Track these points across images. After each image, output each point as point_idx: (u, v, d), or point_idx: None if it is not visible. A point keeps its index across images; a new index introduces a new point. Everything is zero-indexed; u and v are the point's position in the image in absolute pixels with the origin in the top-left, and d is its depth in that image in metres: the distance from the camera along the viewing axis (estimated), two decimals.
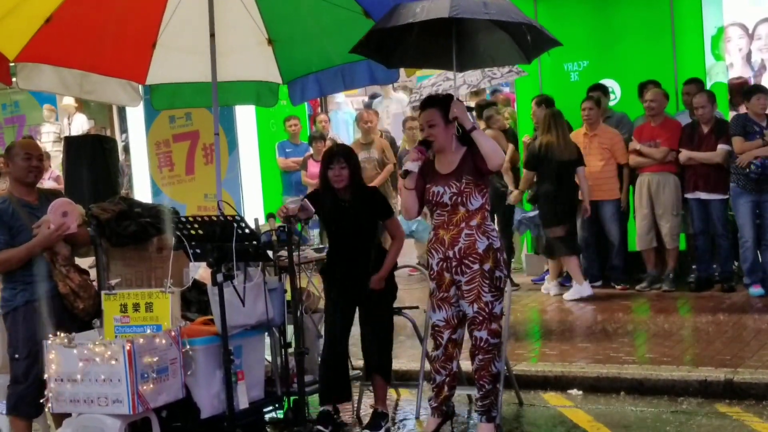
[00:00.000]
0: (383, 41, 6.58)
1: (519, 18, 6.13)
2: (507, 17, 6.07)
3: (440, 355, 6.25)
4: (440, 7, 5.88)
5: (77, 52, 7.47)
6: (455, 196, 6.02)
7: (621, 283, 10.66)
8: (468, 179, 6.00)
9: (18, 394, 6.08)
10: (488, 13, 5.93)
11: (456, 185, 6.02)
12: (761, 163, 9.47)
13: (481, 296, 5.99)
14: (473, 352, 6.11)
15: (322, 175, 6.62)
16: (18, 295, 6.07)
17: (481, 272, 5.98)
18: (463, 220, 6.01)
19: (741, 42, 12.11)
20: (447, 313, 6.16)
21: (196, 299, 6.96)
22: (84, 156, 8.30)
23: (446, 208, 6.07)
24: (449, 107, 6.08)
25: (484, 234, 6.00)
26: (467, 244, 5.98)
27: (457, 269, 6.03)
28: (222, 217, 6.02)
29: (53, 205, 6.09)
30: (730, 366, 7.25)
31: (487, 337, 6.02)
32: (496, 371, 6.13)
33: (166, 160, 13.44)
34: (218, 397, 6.10)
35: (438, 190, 6.08)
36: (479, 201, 6.03)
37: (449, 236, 6.03)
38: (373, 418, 6.73)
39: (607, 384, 7.35)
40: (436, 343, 6.27)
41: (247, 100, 9.06)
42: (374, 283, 6.56)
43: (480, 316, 6.00)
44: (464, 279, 6.01)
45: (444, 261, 6.08)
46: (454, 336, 6.21)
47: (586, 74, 11.36)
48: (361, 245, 6.59)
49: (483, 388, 6.13)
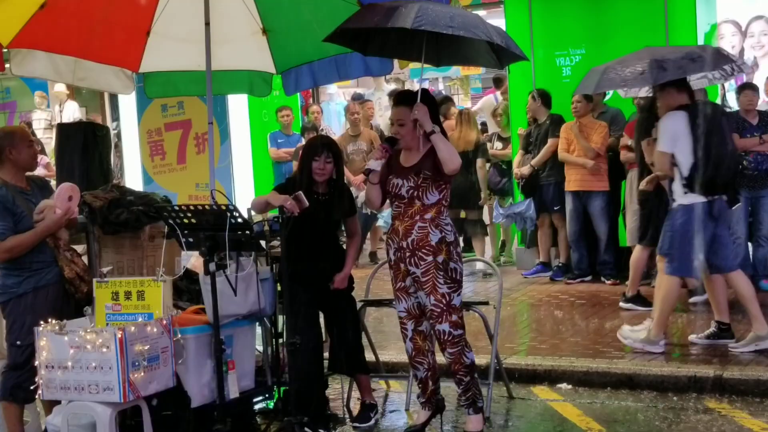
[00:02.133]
0: (361, 31, 6.61)
1: (482, 35, 6.09)
2: (470, 33, 6.05)
3: (410, 349, 6.29)
4: (406, 16, 5.91)
5: (71, 39, 7.44)
6: (412, 189, 6.07)
7: (611, 278, 10.68)
8: (426, 175, 6.04)
9: (15, 380, 6.07)
10: (451, 27, 5.91)
11: (414, 179, 6.06)
12: (754, 159, 9.50)
13: (437, 287, 6.02)
14: (441, 347, 6.15)
15: (303, 166, 6.59)
16: (24, 282, 6.04)
17: (435, 264, 6.01)
18: (417, 213, 6.06)
19: (734, 39, 12.15)
20: (407, 303, 6.21)
21: (188, 288, 6.96)
22: (76, 143, 8.29)
23: (403, 200, 6.12)
24: (431, 106, 6.14)
25: (437, 227, 6.04)
26: (420, 236, 6.03)
27: (411, 260, 6.07)
28: (215, 206, 6.01)
29: (59, 189, 6.11)
30: (720, 362, 7.28)
31: (449, 329, 6.05)
32: (470, 361, 6.15)
33: (158, 149, 13.42)
34: (209, 386, 6.10)
35: (397, 182, 6.14)
36: (436, 196, 6.07)
37: (403, 227, 6.09)
38: (362, 411, 6.75)
39: (596, 378, 7.38)
40: (403, 335, 6.31)
41: (240, 90, 9.04)
42: (338, 282, 6.58)
43: (437, 308, 6.03)
44: (420, 271, 6.05)
45: (399, 251, 6.14)
46: (420, 328, 6.24)
47: (578, 69, 11.35)
48: (327, 241, 6.62)
49: (462, 381, 6.16)
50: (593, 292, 10.38)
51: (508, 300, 9.95)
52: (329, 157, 6.49)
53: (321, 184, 6.53)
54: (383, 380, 7.61)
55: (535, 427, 6.65)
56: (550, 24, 11.49)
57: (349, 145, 13.12)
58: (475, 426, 6.23)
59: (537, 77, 11.50)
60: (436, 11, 5.99)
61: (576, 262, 10.92)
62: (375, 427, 6.68)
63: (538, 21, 11.51)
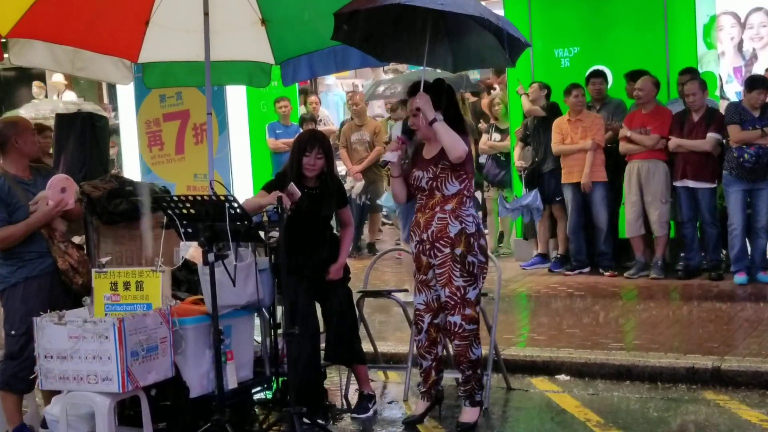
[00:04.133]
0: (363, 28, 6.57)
1: (473, 12, 5.91)
2: (461, 9, 5.88)
3: (423, 340, 6.30)
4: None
5: (70, 29, 7.41)
6: (431, 180, 6.08)
7: (609, 269, 10.70)
8: (444, 165, 6.04)
9: (12, 369, 6.08)
10: (442, 3, 5.80)
11: (433, 170, 6.08)
12: (755, 151, 9.49)
13: (453, 280, 6.02)
14: (450, 338, 6.17)
15: (294, 160, 6.58)
16: (16, 272, 6.06)
17: (452, 256, 6.02)
18: (438, 204, 6.07)
19: (733, 31, 12.17)
20: (427, 296, 6.22)
21: (186, 278, 6.95)
22: (74, 133, 8.27)
23: (424, 192, 6.14)
24: (438, 95, 6.13)
25: (458, 218, 6.04)
26: (439, 228, 6.04)
27: (431, 252, 6.09)
28: (214, 196, 6.01)
29: (52, 181, 6.09)
30: (718, 353, 7.28)
31: (461, 322, 6.05)
32: (475, 357, 6.16)
33: (156, 139, 13.39)
34: (207, 377, 6.09)
35: (418, 174, 6.16)
36: (456, 187, 6.06)
37: (424, 219, 6.11)
38: (360, 401, 6.76)
39: (594, 370, 7.38)
40: (418, 327, 6.32)
41: (239, 81, 9.03)
42: (334, 273, 6.60)
43: (452, 300, 6.04)
44: (437, 262, 6.06)
45: (420, 244, 6.15)
46: (436, 320, 6.25)
47: (577, 60, 11.36)
48: (320, 233, 6.64)
49: (463, 373, 6.20)
50: (591, 283, 10.39)
51: (507, 291, 9.95)
52: (320, 152, 6.50)
53: (311, 179, 6.53)
54: (381, 371, 7.61)
55: (533, 418, 6.65)
56: (548, 15, 11.49)
57: (353, 134, 13.16)
58: (469, 417, 6.25)
59: (535, 68, 11.49)
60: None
61: (574, 253, 10.93)
62: (373, 417, 6.68)
63: (537, 13, 11.50)
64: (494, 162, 12.08)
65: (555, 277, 10.83)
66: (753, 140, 9.51)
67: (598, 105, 10.93)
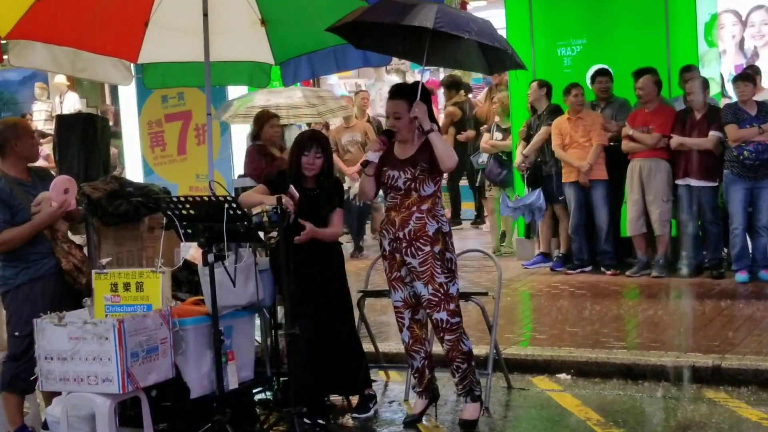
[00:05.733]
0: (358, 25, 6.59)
1: (495, 42, 6.22)
2: (487, 40, 6.15)
3: (407, 338, 6.36)
4: (427, 16, 5.92)
5: (70, 30, 7.43)
6: (409, 181, 6.12)
7: (611, 268, 10.69)
8: (423, 167, 6.09)
9: (14, 370, 6.09)
10: (469, 32, 5.96)
11: (411, 171, 6.12)
12: (755, 148, 9.49)
13: (435, 277, 6.07)
14: (439, 335, 6.19)
15: (293, 160, 6.58)
16: (21, 273, 6.06)
17: (433, 254, 6.07)
18: (414, 204, 6.11)
19: (734, 29, 12.16)
20: (403, 293, 6.28)
21: (187, 279, 6.96)
22: (76, 134, 8.29)
23: (399, 191, 6.17)
24: (426, 100, 6.15)
25: (434, 218, 6.11)
26: (417, 227, 6.09)
27: (407, 251, 6.12)
28: (214, 197, 6.02)
29: (55, 182, 6.10)
30: (719, 352, 7.27)
31: (447, 317, 6.10)
32: (467, 348, 6.21)
33: (158, 140, 13.41)
34: (208, 378, 6.10)
35: (393, 174, 6.18)
36: (432, 188, 6.14)
37: (400, 218, 6.14)
38: (362, 401, 6.76)
39: (596, 369, 7.38)
40: (399, 325, 6.37)
41: (239, 81, 9.07)
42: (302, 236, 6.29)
43: (435, 297, 6.08)
44: (417, 261, 6.10)
45: (394, 242, 6.18)
46: (417, 317, 6.31)
47: (579, 59, 11.35)
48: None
49: (459, 368, 6.22)
50: (593, 282, 10.38)
51: (508, 290, 9.95)
52: (319, 151, 6.49)
53: (310, 179, 6.53)
54: (382, 371, 7.61)
55: (534, 417, 6.65)
56: (551, 13, 11.47)
57: (343, 136, 13.16)
58: (471, 414, 6.27)
59: (537, 67, 11.48)
60: (454, 14, 6.12)
61: (576, 252, 10.92)
62: (374, 417, 6.68)
63: (539, 11, 11.49)
64: (496, 161, 12.06)
65: (557, 276, 10.83)
66: (751, 138, 9.51)
67: (602, 104, 10.91)
